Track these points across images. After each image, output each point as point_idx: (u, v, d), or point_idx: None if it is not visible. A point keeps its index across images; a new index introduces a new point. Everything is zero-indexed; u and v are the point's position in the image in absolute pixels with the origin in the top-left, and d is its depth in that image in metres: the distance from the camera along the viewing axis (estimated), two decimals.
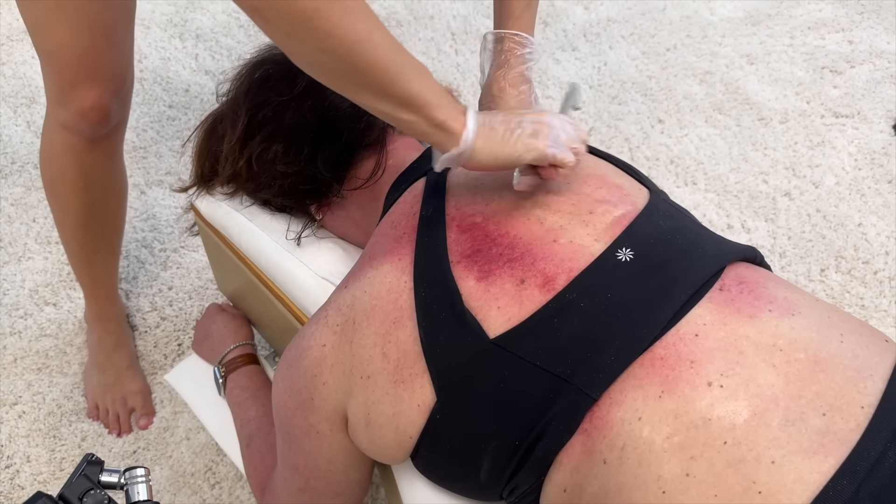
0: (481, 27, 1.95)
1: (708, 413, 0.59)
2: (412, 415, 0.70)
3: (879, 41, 1.88)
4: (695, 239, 0.73)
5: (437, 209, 0.77)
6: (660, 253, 0.70)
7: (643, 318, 0.65)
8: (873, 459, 0.56)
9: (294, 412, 0.78)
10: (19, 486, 1.19)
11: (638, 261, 0.69)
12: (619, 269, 0.69)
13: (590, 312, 0.66)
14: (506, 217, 0.75)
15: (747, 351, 0.62)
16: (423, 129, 0.70)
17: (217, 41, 1.92)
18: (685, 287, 0.66)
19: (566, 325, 0.66)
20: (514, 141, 0.71)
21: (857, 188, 1.55)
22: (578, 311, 0.66)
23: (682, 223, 0.76)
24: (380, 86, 0.66)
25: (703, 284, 0.67)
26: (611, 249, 0.70)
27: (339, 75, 0.67)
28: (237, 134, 0.92)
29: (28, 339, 1.35)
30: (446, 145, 0.70)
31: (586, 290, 0.67)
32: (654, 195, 0.78)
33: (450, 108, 0.70)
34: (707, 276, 0.68)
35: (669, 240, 0.72)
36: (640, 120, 1.71)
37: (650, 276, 0.68)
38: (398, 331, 0.71)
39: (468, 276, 0.71)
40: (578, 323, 0.66)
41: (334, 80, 0.68)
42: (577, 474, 0.63)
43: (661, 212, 0.75)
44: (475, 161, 0.71)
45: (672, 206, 0.79)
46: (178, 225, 1.52)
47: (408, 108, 0.68)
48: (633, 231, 0.72)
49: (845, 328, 0.66)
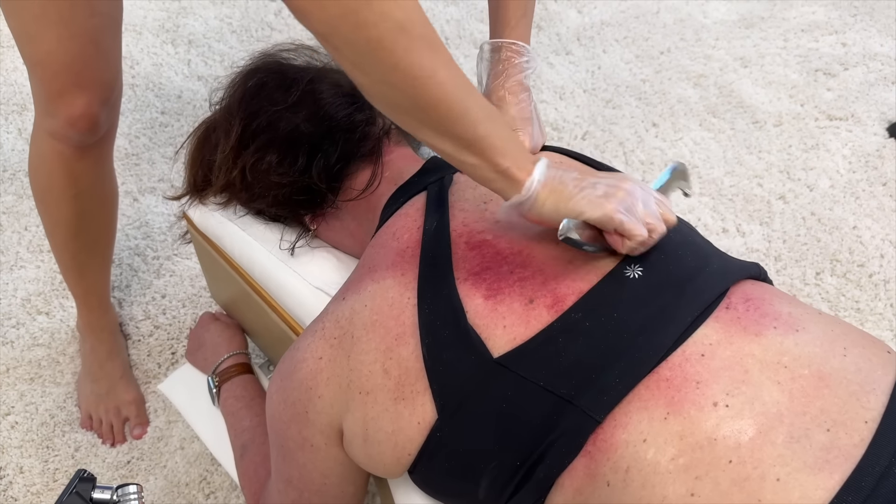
0: (475, 31, 1.95)
1: (714, 433, 0.59)
2: (412, 432, 0.69)
3: (873, 43, 1.88)
4: (703, 256, 0.73)
5: (442, 224, 0.76)
6: (669, 271, 0.69)
7: (649, 340, 0.64)
8: (878, 475, 0.55)
9: (288, 425, 0.78)
10: (13, 498, 1.18)
11: (646, 278, 0.68)
12: (626, 287, 0.68)
13: (595, 333, 0.65)
14: (518, 235, 0.74)
15: (753, 369, 0.62)
16: (486, 175, 0.67)
17: (210, 47, 1.91)
18: (692, 308, 0.66)
19: (571, 346, 0.65)
20: (581, 197, 0.67)
21: (852, 191, 1.55)
22: (584, 330, 0.66)
23: (692, 237, 0.75)
24: (442, 125, 0.64)
25: (710, 304, 0.67)
26: (620, 266, 0.69)
27: (401, 110, 0.64)
28: (231, 143, 0.91)
29: (20, 349, 1.34)
30: (509, 193, 0.67)
31: (592, 309, 0.67)
32: None
33: (518, 155, 0.67)
34: (714, 295, 0.67)
35: (680, 256, 0.71)
36: (634, 124, 1.71)
37: (657, 294, 0.67)
38: (400, 347, 0.70)
39: (475, 294, 0.70)
40: (583, 343, 0.65)
41: (397, 114, 0.65)
42: (579, 496, 0.63)
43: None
44: (536, 212, 0.68)
45: (680, 219, 0.78)
46: (171, 232, 1.51)
47: (470, 151, 0.65)
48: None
49: (848, 341, 0.65)
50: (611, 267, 0.69)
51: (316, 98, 0.89)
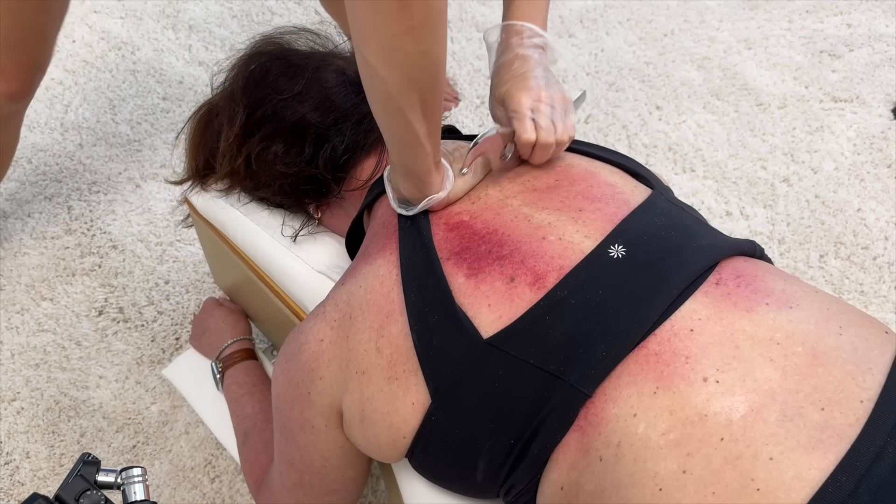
0: (476, 14, 1.93)
1: (704, 409, 0.59)
2: (406, 413, 0.69)
3: (878, 24, 1.86)
4: (690, 235, 0.73)
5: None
6: (652, 250, 0.69)
7: (634, 313, 0.64)
8: (873, 454, 0.55)
9: (291, 405, 0.78)
10: (19, 483, 1.19)
11: (630, 258, 0.68)
12: (610, 265, 0.68)
13: (581, 309, 0.66)
14: (493, 215, 0.75)
15: (744, 345, 0.61)
16: (425, 166, 0.72)
17: (210, 32, 1.90)
18: (678, 281, 0.66)
19: (558, 323, 0.65)
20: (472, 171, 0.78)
21: (856, 173, 1.54)
22: (569, 308, 0.66)
23: (681, 220, 0.75)
24: (432, 107, 0.67)
25: (697, 278, 0.66)
26: (602, 246, 0.69)
27: (418, 85, 0.65)
28: (235, 131, 0.90)
29: (25, 335, 1.35)
30: (434, 187, 0.74)
31: (577, 287, 0.67)
32: (655, 193, 0.77)
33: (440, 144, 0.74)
34: (701, 269, 0.67)
35: (664, 237, 0.71)
36: (637, 107, 1.70)
37: (642, 272, 0.68)
38: (390, 325, 0.71)
39: (457, 272, 0.71)
40: (570, 320, 0.65)
41: (410, 90, 0.65)
42: (574, 472, 0.63)
43: (659, 209, 0.75)
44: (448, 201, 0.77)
45: (673, 203, 0.78)
46: (174, 218, 1.51)
47: (431, 138, 0.70)
48: (626, 228, 0.71)
49: (844, 320, 0.65)
50: (592, 246, 0.70)
51: (322, 87, 0.89)
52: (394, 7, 0.59)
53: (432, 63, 0.63)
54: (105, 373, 1.31)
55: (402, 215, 0.77)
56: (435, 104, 0.67)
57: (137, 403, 1.27)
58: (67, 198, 1.55)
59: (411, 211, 0.76)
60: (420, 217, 0.76)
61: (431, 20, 0.60)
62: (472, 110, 1.72)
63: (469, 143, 0.80)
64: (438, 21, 0.61)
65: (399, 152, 0.72)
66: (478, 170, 0.79)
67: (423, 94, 0.65)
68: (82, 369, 1.31)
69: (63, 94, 1.75)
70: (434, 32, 0.61)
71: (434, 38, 0.62)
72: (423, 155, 0.71)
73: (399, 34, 0.61)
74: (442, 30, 0.62)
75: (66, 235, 1.49)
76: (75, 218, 1.52)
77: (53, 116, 1.71)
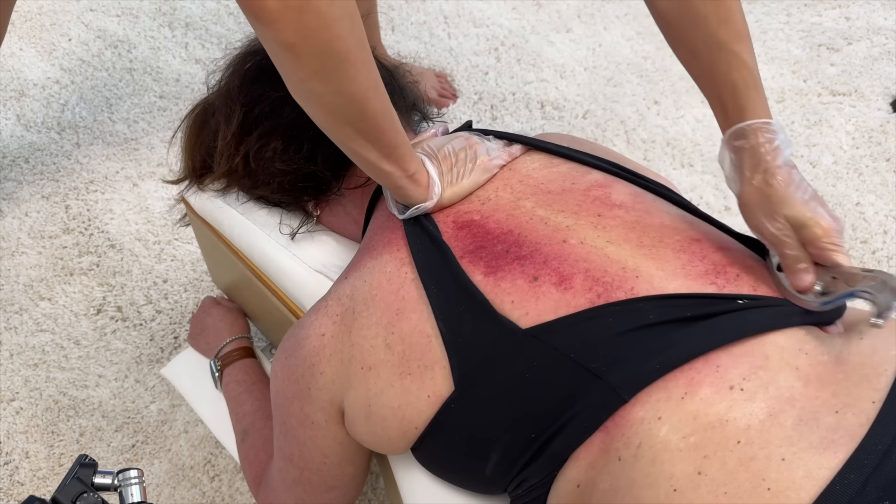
0: (474, 10, 1.93)
1: (726, 415, 0.59)
2: (420, 405, 0.69)
3: (877, 17, 1.86)
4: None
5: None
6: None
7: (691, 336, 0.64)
8: (881, 452, 0.55)
9: (291, 401, 0.78)
10: (19, 483, 1.19)
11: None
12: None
13: (627, 319, 0.65)
14: (506, 216, 0.74)
15: (773, 356, 0.62)
16: (397, 182, 0.73)
17: (207, 29, 1.90)
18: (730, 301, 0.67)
19: (614, 326, 0.65)
20: (469, 174, 0.78)
21: (855, 167, 1.54)
22: (614, 313, 0.66)
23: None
24: (375, 134, 0.69)
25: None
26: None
27: (345, 119, 0.67)
28: (232, 130, 0.89)
29: (24, 335, 1.35)
30: (415, 198, 0.75)
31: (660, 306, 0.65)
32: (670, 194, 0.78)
33: (413, 156, 0.74)
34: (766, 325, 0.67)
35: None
36: (635, 102, 1.70)
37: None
38: (402, 322, 0.70)
39: (474, 270, 0.70)
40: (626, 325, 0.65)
41: (338, 124, 0.68)
42: (592, 470, 0.63)
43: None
44: (439, 207, 0.77)
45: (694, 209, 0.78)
46: (171, 216, 1.51)
47: (389, 159, 0.71)
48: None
49: (864, 322, 0.66)
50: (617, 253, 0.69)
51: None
52: (287, 57, 0.61)
53: (349, 101, 0.65)
54: (104, 372, 1.30)
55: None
56: (377, 131, 0.68)
57: (136, 402, 1.27)
58: (65, 197, 1.55)
59: (405, 214, 0.76)
60: (422, 215, 0.76)
61: (332, 63, 0.61)
62: (469, 106, 1.71)
63: (484, 137, 0.81)
64: (343, 63, 0.62)
65: (366, 171, 0.74)
66: (476, 174, 0.79)
67: (355, 125, 0.67)
68: (81, 369, 1.31)
69: (60, 93, 1.75)
70: (339, 74, 0.62)
71: (342, 79, 0.63)
72: (385, 175, 0.73)
73: (305, 78, 0.63)
74: (352, 68, 0.62)
75: (64, 235, 1.49)
76: (73, 217, 1.52)
77: (50, 115, 1.70)
